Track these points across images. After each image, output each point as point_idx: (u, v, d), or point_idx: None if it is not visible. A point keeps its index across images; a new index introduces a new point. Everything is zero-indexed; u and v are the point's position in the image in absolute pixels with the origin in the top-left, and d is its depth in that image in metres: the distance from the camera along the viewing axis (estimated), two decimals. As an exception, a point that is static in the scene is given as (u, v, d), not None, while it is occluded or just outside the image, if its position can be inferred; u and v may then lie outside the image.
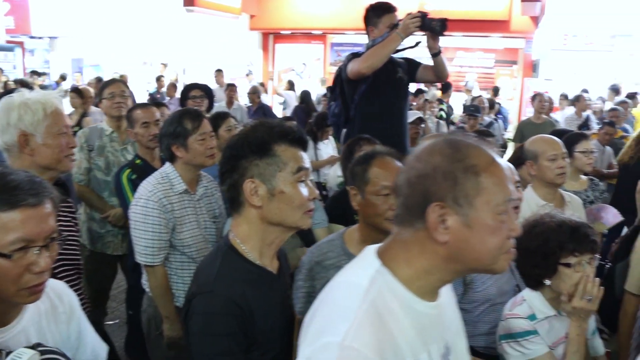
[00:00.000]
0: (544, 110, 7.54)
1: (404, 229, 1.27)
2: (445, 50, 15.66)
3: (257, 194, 1.60)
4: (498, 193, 1.20)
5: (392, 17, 3.85)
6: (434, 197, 1.20)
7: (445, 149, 1.23)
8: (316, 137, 6.18)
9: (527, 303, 2.14)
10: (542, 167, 3.14)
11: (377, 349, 1.14)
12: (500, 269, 1.27)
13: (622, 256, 2.92)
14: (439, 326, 1.32)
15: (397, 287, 1.25)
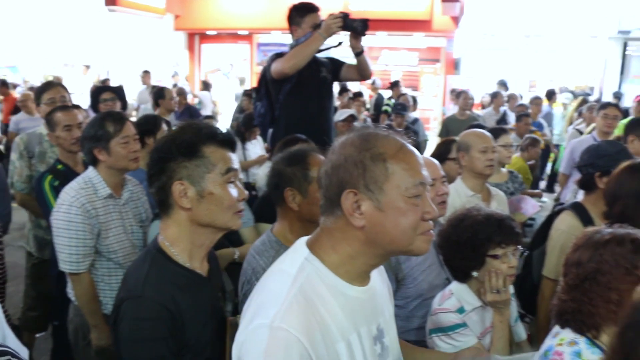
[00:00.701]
0: (468, 107, 7.83)
1: (327, 218, 1.34)
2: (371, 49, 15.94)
3: (186, 195, 1.59)
4: (407, 177, 1.28)
5: (315, 17, 3.89)
6: (347, 185, 1.28)
7: (356, 140, 1.31)
8: (244, 137, 6.17)
9: (456, 296, 2.16)
10: (473, 158, 3.28)
11: (304, 330, 1.21)
12: (419, 250, 1.34)
13: (539, 243, 3.08)
14: (369, 309, 1.39)
15: (325, 273, 1.32)
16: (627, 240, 1.65)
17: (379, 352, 1.41)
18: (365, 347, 1.35)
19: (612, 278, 1.64)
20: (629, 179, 2.45)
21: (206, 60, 16.25)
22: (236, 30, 15.28)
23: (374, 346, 1.39)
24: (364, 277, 1.39)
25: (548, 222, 3.06)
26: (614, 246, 1.65)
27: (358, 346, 1.32)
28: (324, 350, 1.24)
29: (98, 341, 2.65)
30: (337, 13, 3.73)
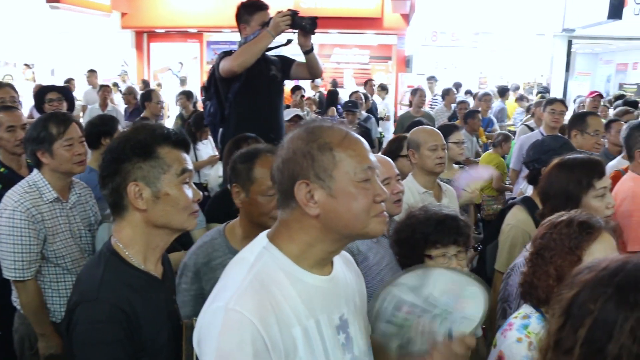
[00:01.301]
0: (423, 104, 7.90)
1: (283, 211, 1.40)
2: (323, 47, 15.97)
3: (142, 197, 1.59)
4: (354, 163, 1.34)
5: (264, 15, 3.84)
6: (299, 176, 1.34)
7: (302, 133, 1.38)
8: (195, 138, 6.06)
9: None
10: (423, 156, 3.30)
11: (257, 313, 1.26)
12: (374, 232, 1.40)
13: (492, 238, 3.12)
14: (331, 298, 1.43)
15: (283, 261, 1.37)
16: (575, 222, 1.76)
17: (342, 342, 1.43)
18: (324, 335, 1.38)
19: (555, 254, 1.76)
20: (556, 177, 2.44)
21: (155, 60, 15.94)
22: (186, 29, 15.04)
23: (336, 335, 1.41)
24: (324, 265, 1.43)
25: (500, 216, 3.12)
26: (563, 226, 1.77)
27: (316, 333, 1.36)
28: (277, 334, 1.28)
29: (46, 350, 2.60)
30: (286, 11, 3.70)
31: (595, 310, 0.96)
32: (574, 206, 2.30)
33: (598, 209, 2.33)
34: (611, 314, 0.94)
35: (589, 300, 0.98)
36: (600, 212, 2.33)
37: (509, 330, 1.80)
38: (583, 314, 0.97)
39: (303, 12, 3.76)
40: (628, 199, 2.92)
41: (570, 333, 0.98)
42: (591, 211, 2.30)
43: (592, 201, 2.36)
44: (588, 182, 2.36)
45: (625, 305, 0.94)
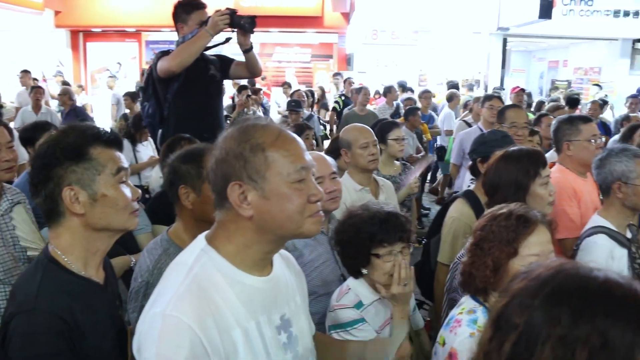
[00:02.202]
0: (367, 103, 7.99)
1: (220, 212, 1.39)
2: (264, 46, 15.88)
3: (78, 201, 1.52)
4: (288, 164, 1.33)
5: (201, 13, 3.80)
6: (232, 177, 1.32)
7: (235, 133, 1.35)
8: (134, 139, 5.94)
9: (353, 291, 2.18)
10: (356, 154, 3.33)
11: (196, 317, 1.24)
12: (309, 232, 1.39)
13: (435, 231, 3.17)
14: (271, 299, 1.42)
15: (221, 262, 1.35)
16: (514, 215, 1.81)
17: (284, 342, 1.43)
18: (265, 336, 1.37)
19: (492, 246, 1.80)
20: (505, 168, 2.54)
21: (92, 60, 15.51)
22: (123, 28, 14.70)
23: (277, 335, 1.41)
24: (263, 265, 1.43)
25: (443, 210, 3.17)
26: (502, 219, 1.81)
27: (256, 334, 1.35)
28: (217, 337, 1.26)
29: None
30: (224, 10, 3.67)
31: (520, 324, 0.90)
32: (523, 194, 2.45)
33: (543, 196, 2.49)
34: (535, 330, 0.88)
35: (516, 313, 0.92)
36: (545, 199, 2.49)
37: (458, 327, 1.82)
38: (509, 327, 0.92)
39: (243, 11, 3.74)
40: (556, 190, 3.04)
41: (497, 346, 0.92)
42: (537, 198, 2.46)
43: (538, 189, 2.48)
44: (535, 172, 2.48)
45: (549, 321, 0.87)
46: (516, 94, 8.45)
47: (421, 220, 7.81)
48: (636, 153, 2.74)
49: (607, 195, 2.78)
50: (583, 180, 3.30)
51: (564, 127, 3.43)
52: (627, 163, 2.69)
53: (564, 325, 0.86)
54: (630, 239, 2.73)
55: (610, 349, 0.84)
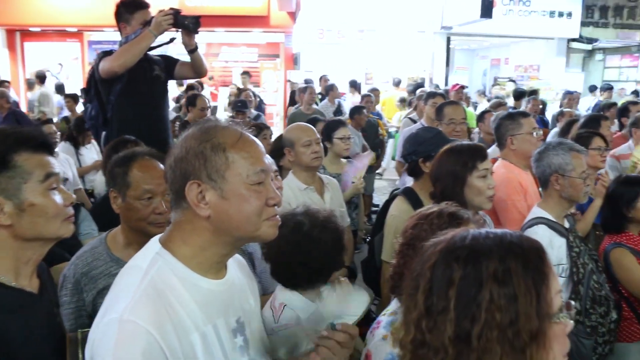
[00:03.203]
0: (313, 101, 8.00)
1: (176, 212, 1.38)
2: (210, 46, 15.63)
3: (3, 212, 1.46)
4: (248, 165, 1.33)
5: (144, 13, 3.75)
6: (191, 176, 1.32)
7: (196, 132, 1.35)
8: (77, 142, 5.81)
9: (288, 307, 2.01)
10: (299, 153, 3.33)
11: (154, 322, 1.22)
12: (266, 235, 1.40)
13: (379, 229, 3.21)
14: (226, 302, 1.41)
15: (177, 266, 1.34)
16: (445, 214, 1.85)
17: (240, 345, 1.43)
18: (222, 339, 1.37)
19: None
20: (446, 160, 2.64)
21: (31, 60, 14.98)
22: (64, 27, 14.25)
23: (234, 339, 1.41)
24: (218, 268, 1.42)
25: (385, 208, 3.21)
26: (434, 218, 1.84)
27: (214, 338, 1.34)
28: (176, 341, 1.25)
29: None
30: (168, 10, 3.62)
31: (459, 269, 1.04)
32: (460, 186, 2.55)
33: (481, 189, 2.57)
34: (476, 270, 1.03)
35: (450, 263, 1.05)
36: (482, 191, 2.57)
37: (377, 328, 1.83)
38: (448, 274, 1.04)
39: (188, 10, 3.71)
40: (502, 185, 3.12)
41: (442, 294, 1.03)
42: (474, 190, 2.55)
43: (475, 181, 2.57)
44: (472, 164, 2.58)
45: (482, 260, 1.04)
46: (456, 92, 8.64)
47: (371, 217, 7.89)
48: (572, 147, 2.86)
49: (545, 187, 2.88)
50: (526, 173, 3.41)
51: (506, 123, 3.54)
52: (564, 156, 2.80)
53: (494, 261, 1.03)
54: (568, 229, 2.84)
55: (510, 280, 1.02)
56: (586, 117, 4.99)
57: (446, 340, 1.02)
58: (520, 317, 1.00)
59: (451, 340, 1.02)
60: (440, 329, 1.03)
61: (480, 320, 1.00)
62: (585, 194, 2.85)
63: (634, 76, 16.80)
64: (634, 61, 16.91)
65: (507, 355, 1.00)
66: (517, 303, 1.00)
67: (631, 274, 3.01)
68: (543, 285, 1.03)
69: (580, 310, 2.73)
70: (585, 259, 2.80)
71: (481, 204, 2.61)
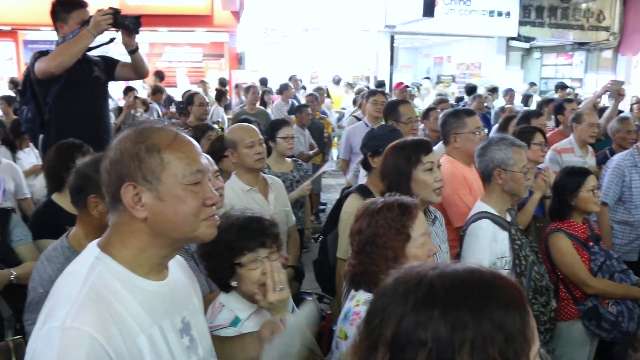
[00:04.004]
0: (257, 101, 7.96)
1: (112, 214, 1.36)
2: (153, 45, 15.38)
3: None
4: (183, 166, 1.33)
5: (82, 12, 3.64)
6: (126, 178, 1.31)
7: (131, 134, 1.34)
8: (14, 146, 5.59)
9: (227, 307, 2.01)
10: (242, 154, 3.30)
11: (98, 326, 1.20)
12: (204, 235, 1.40)
13: (332, 227, 3.22)
14: (170, 303, 1.41)
15: (118, 269, 1.32)
16: (395, 205, 1.88)
17: (187, 345, 1.43)
18: (169, 340, 1.36)
19: (387, 239, 1.85)
20: (391, 156, 2.68)
21: (-38, 61, 14.38)
22: (-3, 27, 13.74)
23: (180, 339, 1.41)
24: (159, 270, 1.41)
25: (338, 206, 3.22)
26: (385, 212, 1.87)
27: (161, 339, 1.34)
28: (122, 345, 1.23)
29: None
30: (107, 9, 3.52)
31: (428, 337, 0.87)
32: (406, 180, 2.58)
33: (427, 182, 2.62)
34: (444, 341, 0.86)
35: (418, 328, 0.88)
36: (429, 185, 2.61)
37: (358, 319, 1.84)
38: (415, 344, 0.88)
39: (129, 10, 3.62)
40: (448, 180, 3.17)
41: (410, 355, 0.87)
42: (421, 184, 2.60)
43: (421, 175, 2.61)
44: (417, 158, 2.62)
45: (456, 327, 0.87)
46: (400, 90, 8.75)
47: (319, 215, 7.92)
48: (513, 142, 2.94)
49: (488, 182, 2.95)
50: (470, 170, 3.48)
51: (450, 121, 3.60)
52: (506, 151, 2.87)
53: (470, 328, 0.86)
54: (510, 222, 2.92)
55: (512, 339, 0.87)
56: (522, 113, 5.17)
57: None
58: None
59: None
60: None
61: None
62: (526, 188, 2.93)
63: (569, 73, 17.47)
64: (569, 59, 17.57)
65: None
66: None
67: (565, 256, 3.21)
68: (523, 355, 0.89)
69: (523, 301, 2.81)
70: (526, 251, 2.88)
71: (429, 198, 2.64)
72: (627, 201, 4.30)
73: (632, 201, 4.28)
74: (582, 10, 16.21)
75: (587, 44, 16.59)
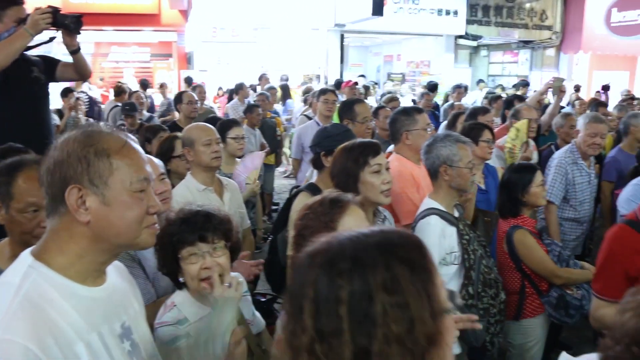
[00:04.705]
0: (202, 100, 7.86)
1: (52, 218, 1.33)
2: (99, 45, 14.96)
3: None
4: (131, 173, 1.33)
5: (19, 10, 3.49)
6: (71, 180, 1.28)
7: (79, 136, 1.32)
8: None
9: (178, 307, 1.99)
10: (199, 152, 3.28)
11: (33, 337, 1.17)
12: (145, 243, 1.40)
13: (282, 227, 3.19)
14: (109, 308, 1.39)
15: (53, 277, 1.28)
16: (327, 200, 1.89)
17: (128, 350, 1.42)
18: (109, 346, 1.35)
19: (314, 230, 1.83)
20: (340, 157, 2.69)
21: None
22: None
23: (121, 344, 1.39)
24: (97, 275, 1.39)
25: (288, 205, 3.21)
26: (317, 206, 1.88)
27: (100, 345, 1.32)
28: (59, 354, 1.21)
29: None
30: (46, 7, 3.39)
31: (346, 285, 0.97)
32: (353, 182, 2.58)
33: (374, 184, 2.62)
34: (363, 283, 0.97)
35: (333, 279, 0.98)
36: (376, 187, 2.61)
37: None
38: (335, 292, 0.98)
39: (72, 8, 3.51)
40: (396, 179, 3.19)
41: (332, 315, 0.97)
42: (368, 186, 2.59)
43: (368, 177, 2.61)
44: (364, 160, 2.62)
45: (370, 270, 0.98)
46: (350, 88, 8.77)
47: (272, 216, 7.88)
48: (458, 138, 2.98)
49: (435, 178, 2.98)
50: (419, 167, 3.50)
51: (401, 118, 3.63)
52: (451, 148, 2.91)
53: (379, 277, 0.97)
54: (457, 218, 2.96)
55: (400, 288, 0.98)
56: (470, 110, 5.26)
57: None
58: (415, 323, 0.96)
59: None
60: (337, 352, 0.96)
61: (378, 336, 0.95)
62: (472, 183, 2.98)
63: (515, 71, 17.94)
64: (514, 57, 18.04)
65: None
66: (410, 310, 0.96)
67: (532, 252, 3.25)
68: (430, 284, 1.01)
69: (472, 294, 2.85)
70: (475, 245, 2.92)
71: (376, 199, 2.65)
72: (572, 198, 4.41)
73: (576, 198, 4.39)
74: (526, 9, 16.65)
75: (531, 42, 17.06)
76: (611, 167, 4.78)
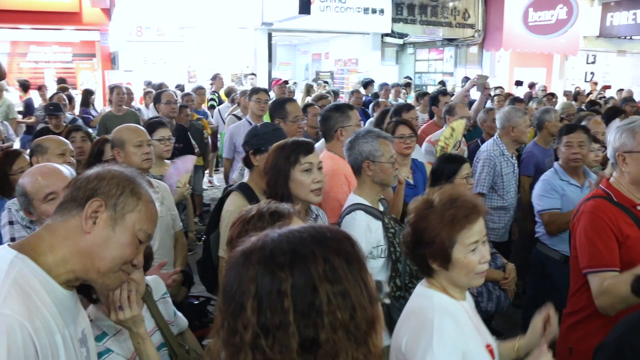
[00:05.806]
0: (123, 102, 7.64)
1: (60, 214, 1.44)
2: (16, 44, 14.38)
3: None
4: (145, 222, 1.49)
5: None
6: (101, 195, 1.44)
7: (127, 172, 1.53)
8: None
9: (95, 323, 1.96)
10: (129, 153, 3.28)
11: (27, 315, 1.26)
12: (107, 286, 1.50)
13: (214, 227, 3.18)
14: (75, 313, 1.49)
15: (38, 271, 1.37)
16: (267, 214, 1.83)
17: (85, 355, 1.51)
18: (75, 346, 1.43)
19: None
20: (272, 155, 2.72)
21: None
22: None
23: (80, 348, 1.48)
24: (70, 285, 1.46)
25: (220, 204, 3.19)
26: (257, 221, 1.82)
27: (70, 343, 1.40)
28: (45, 338, 1.29)
29: None
30: None
31: (288, 277, 1.01)
32: (285, 180, 2.61)
33: (304, 182, 2.65)
34: (305, 275, 1.02)
35: (275, 273, 1.02)
36: (306, 185, 2.65)
37: None
38: (277, 285, 1.01)
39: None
40: (327, 177, 3.23)
41: (276, 308, 1.00)
42: (298, 184, 2.63)
43: (298, 175, 2.64)
44: (295, 158, 2.65)
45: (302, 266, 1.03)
46: (279, 86, 8.80)
47: (203, 217, 7.80)
48: (379, 134, 3.06)
49: (359, 174, 3.05)
50: (351, 164, 3.57)
51: (335, 115, 3.67)
52: (373, 143, 2.98)
53: (318, 269, 1.03)
54: (382, 212, 3.03)
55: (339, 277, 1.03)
56: (394, 107, 5.40)
57: (294, 354, 0.99)
58: (357, 309, 1.02)
59: (299, 352, 1.00)
60: (283, 344, 0.99)
61: (325, 324, 0.99)
62: (395, 178, 3.06)
63: (440, 68, 18.44)
64: (440, 54, 18.54)
65: (355, 350, 1.02)
66: (350, 297, 1.02)
67: None
68: (364, 272, 1.08)
69: (400, 286, 2.93)
70: (400, 238, 3.00)
71: (307, 197, 2.68)
72: (499, 188, 4.62)
73: (504, 187, 4.61)
74: (450, 8, 17.13)
75: (455, 40, 17.57)
76: (529, 162, 5.02)
